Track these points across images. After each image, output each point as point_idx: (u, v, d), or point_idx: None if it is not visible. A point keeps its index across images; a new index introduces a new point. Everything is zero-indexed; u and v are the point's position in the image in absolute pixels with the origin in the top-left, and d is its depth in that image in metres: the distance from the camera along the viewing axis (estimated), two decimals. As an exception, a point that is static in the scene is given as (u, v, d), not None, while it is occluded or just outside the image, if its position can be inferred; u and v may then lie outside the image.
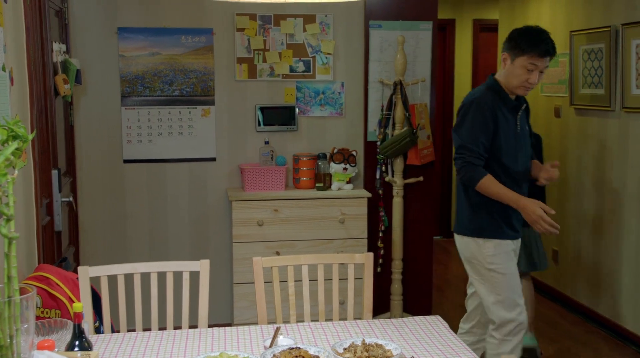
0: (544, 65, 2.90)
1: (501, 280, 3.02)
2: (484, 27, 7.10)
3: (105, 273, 2.47)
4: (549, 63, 2.93)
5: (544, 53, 2.87)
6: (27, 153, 2.68)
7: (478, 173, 2.90)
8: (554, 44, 2.91)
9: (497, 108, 2.93)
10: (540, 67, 2.89)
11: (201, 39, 4.23)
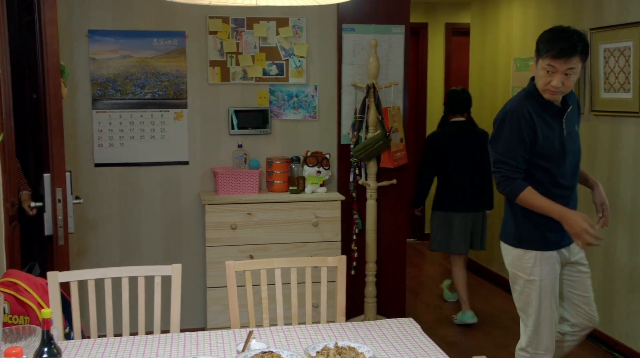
0: (563, 67, 2.69)
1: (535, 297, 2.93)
2: (456, 31, 7.17)
3: (75, 279, 2.44)
4: (574, 64, 2.69)
5: (559, 54, 2.68)
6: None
7: (518, 186, 2.80)
8: (573, 43, 2.68)
9: (535, 115, 2.79)
10: (561, 70, 2.70)
11: (173, 42, 4.20)
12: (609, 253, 4.16)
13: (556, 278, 2.94)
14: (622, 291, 4.06)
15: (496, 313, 4.97)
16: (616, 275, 4.11)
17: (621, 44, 3.93)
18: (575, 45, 2.69)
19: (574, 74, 2.73)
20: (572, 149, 2.87)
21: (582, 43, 2.72)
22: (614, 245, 4.12)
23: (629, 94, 3.91)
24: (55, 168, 3.04)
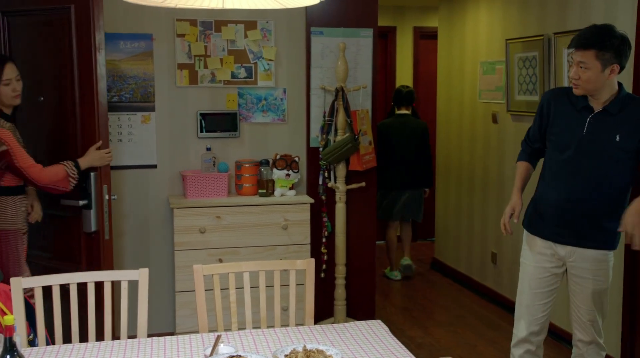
0: (577, 59, 2.74)
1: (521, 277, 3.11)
2: (424, 34, 7.23)
3: (39, 284, 2.40)
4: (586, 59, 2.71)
5: (571, 44, 2.77)
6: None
7: (519, 156, 3.16)
8: (587, 37, 2.72)
9: (559, 105, 2.91)
10: (576, 61, 2.75)
11: (140, 45, 4.16)
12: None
13: (538, 268, 3.00)
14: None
15: (464, 313, 5.03)
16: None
17: (584, 48, 4.01)
18: (586, 38, 2.72)
19: (587, 70, 2.72)
20: (587, 149, 2.83)
21: (597, 38, 2.70)
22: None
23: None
24: (101, 167, 3.42)
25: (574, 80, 2.79)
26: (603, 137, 2.81)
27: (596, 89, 2.78)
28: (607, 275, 2.96)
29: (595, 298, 2.96)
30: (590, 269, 2.93)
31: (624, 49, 2.74)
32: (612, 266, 2.97)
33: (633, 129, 2.77)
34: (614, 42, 2.71)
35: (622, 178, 2.85)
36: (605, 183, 2.84)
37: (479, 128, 5.41)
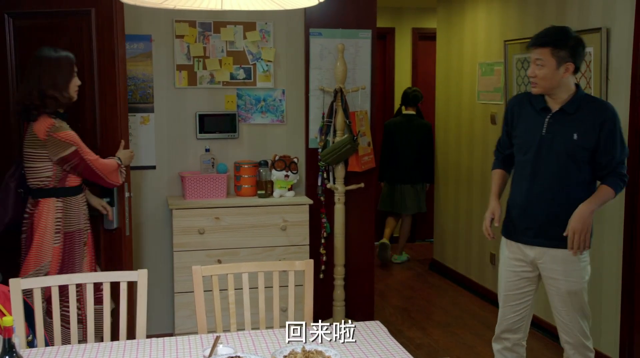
0: (533, 56, 2.87)
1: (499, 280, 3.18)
2: (423, 35, 7.24)
3: (38, 285, 2.40)
4: (541, 56, 2.83)
5: (530, 43, 2.90)
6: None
7: (493, 165, 3.25)
8: (542, 35, 2.87)
9: (522, 108, 3.02)
10: (532, 59, 2.88)
11: (139, 46, 4.17)
12: (572, 254, 4.24)
13: (509, 272, 3.08)
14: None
15: (462, 314, 5.03)
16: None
17: (582, 49, 4.01)
18: (543, 36, 2.86)
19: (543, 67, 2.83)
20: (545, 152, 2.91)
21: (553, 37, 2.84)
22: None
23: (590, 98, 3.99)
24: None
25: (532, 78, 2.90)
26: (562, 136, 2.89)
27: (552, 87, 2.87)
28: (579, 275, 2.94)
29: (571, 299, 2.96)
30: (560, 270, 2.94)
31: (578, 49, 2.86)
32: (586, 266, 2.95)
33: (590, 128, 2.86)
34: (569, 41, 2.84)
35: (583, 177, 2.90)
36: (568, 182, 2.90)
37: (478, 129, 5.42)
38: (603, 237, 3.96)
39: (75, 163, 3.19)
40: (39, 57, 3.21)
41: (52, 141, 3.14)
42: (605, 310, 3.96)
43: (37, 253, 3.20)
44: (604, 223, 3.94)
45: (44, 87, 3.14)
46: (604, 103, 3.01)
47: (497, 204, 3.09)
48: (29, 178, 3.24)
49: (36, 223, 3.21)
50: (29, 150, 3.19)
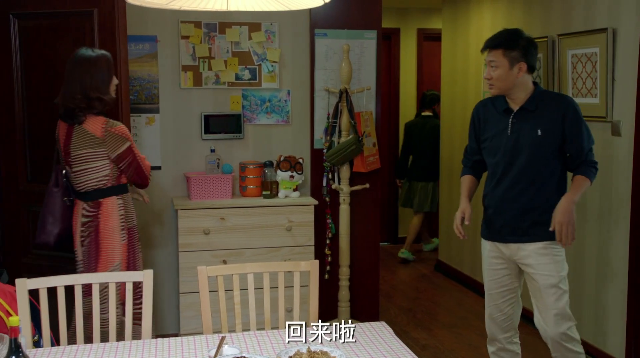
0: (488, 58, 2.97)
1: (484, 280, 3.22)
2: (428, 36, 7.23)
3: (44, 285, 2.41)
4: (494, 58, 2.93)
5: (483, 47, 3.02)
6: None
7: (461, 173, 3.31)
8: (494, 38, 2.97)
9: (487, 112, 3.11)
10: (487, 61, 2.99)
11: (145, 47, 4.17)
12: (577, 255, 4.23)
13: (490, 270, 3.15)
14: (590, 292, 4.12)
15: (468, 315, 5.02)
16: (584, 275, 4.18)
17: (588, 50, 4.01)
18: (494, 39, 2.97)
19: (497, 68, 2.93)
20: (512, 152, 2.99)
21: (504, 38, 2.94)
22: (583, 246, 4.19)
23: (596, 99, 3.98)
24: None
25: (488, 80, 2.99)
26: (526, 134, 2.96)
27: (508, 87, 2.96)
28: (553, 269, 2.97)
29: (546, 294, 2.98)
30: (534, 264, 3.00)
31: (530, 49, 2.95)
32: (561, 261, 3.00)
33: (552, 123, 2.94)
34: (519, 42, 2.93)
35: (552, 171, 2.98)
36: (536, 179, 2.97)
37: (483, 130, 5.40)
38: (609, 236, 3.95)
39: (129, 160, 3.22)
40: (77, 58, 3.20)
41: (111, 136, 3.16)
42: (611, 310, 3.94)
43: (108, 254, 3.23)
44: (610, 223, 3.93)
45: (87, 88, 3.15)
46: (563, 96, 3.09)
47: (466, 205, 3.17)
48: (84, 181, 3.21)
49: (102, 224, 3.22)
50: (85, 151, 3.16)
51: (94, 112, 3.17)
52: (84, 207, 3.24)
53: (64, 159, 3.27)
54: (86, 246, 3.24)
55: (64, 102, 3.19)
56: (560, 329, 2.98)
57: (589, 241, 4.14)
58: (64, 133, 3.25)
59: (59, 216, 3.30)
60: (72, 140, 3.19)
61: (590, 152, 3.00)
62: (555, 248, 2.98)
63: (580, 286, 4.21)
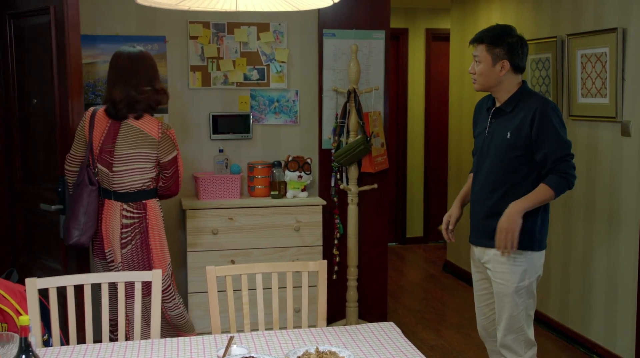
0: (473, 53, 2.90)
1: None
2: (436, 36, 7.22)
3: (54, 285, 2.42)
4: (478, 52, 2.86)
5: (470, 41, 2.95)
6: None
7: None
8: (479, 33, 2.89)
9: (480, 107, 3.04)
10: (473, 55, 2.92)
11: (154, 47, 4.19)
12: (587, 255, 4.22)
13: (473, 273, 3.09)
14: (600, 294, 4.10)
15: (477, 316, 5.00)
16: (594, 277, 4.16)
17: (597, 49, 3.99)
18: (481, 34, 2.89)
19: (480, 63, 2.86)
20: (488, 151, 2.91)
21: (489, 34, 2.86)
22: (592, 248, 4.17)
23: (605, 99, 3.96)
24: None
25: (472, 75, 2.92)
26: (498, 136, 2.87)
27: (490, 84, 2.87)
28: (509, 278, 2.84)
29: (500, 301, 2.89)
30: (492, 270, 2.91)
31: (517, 48, 2.84)
32: (519, 271, 2.83)
33: (521, 126, 2.80)
34: (506, 39, 2.83)
35: (523, 177, 2.82)
36: (502, 183, 2.85)
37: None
38: (619, 237, 3.93)
39: (174, 169, 3.26)
40: (134, 54, 3.26)
41: (166, 139, 3.20)
42: (620, 312, 3.93)
43: (159, 254, 3.28)
44: (620, 224, 3.91)
45: (154, 81, 3.21)
46: (538, 98, 2.84)
47: (455, 209, 3.09)
48: (127, 181, 3.21)
49: (151, 225, 3.24)
50: (136, 150, 3.17)
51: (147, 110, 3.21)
52: (124, 208, 3.21)
53: (99, 157, 3.21)
54: (133, 247, 3.22)
55: (124, 98, 3.16)
56: (504, 339, 2.90)
57: (597, 242, 4.12)
58: (102, 132, 3.21)
59: (94, 216, 3.23)
60: (120, 138, 3.17)
61: (561, 161, 2.76)
62: (516, 258, 2.82)
63: (590, 287, 4.20)
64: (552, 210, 4.51)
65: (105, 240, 3.24)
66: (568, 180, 2.77)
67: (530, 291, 2.87)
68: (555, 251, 4.52)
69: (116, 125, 3.19)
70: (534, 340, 2.94)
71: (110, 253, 3.26)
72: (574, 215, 4.34)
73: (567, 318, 4.44)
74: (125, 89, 3.18)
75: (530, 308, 2.90)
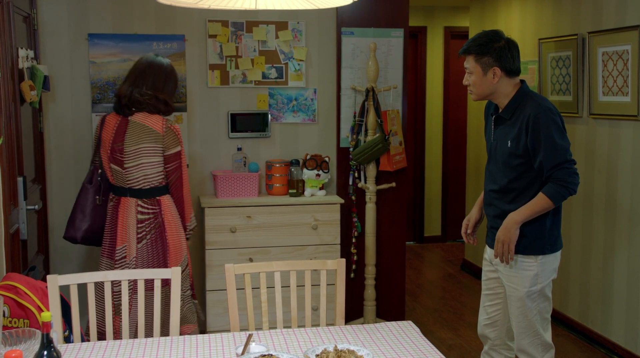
0: (464, 65, 2.87)
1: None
2: (455, 34, 7.18)
3: (75, 282, 2.45)
4: (467, 64, 2.83)
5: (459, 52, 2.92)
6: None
7: None
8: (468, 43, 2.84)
9: (489, 110, 3.00)
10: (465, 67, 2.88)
11: (173, 46, 4.21)
12: (608, 255, 4.17)
13: (483, 272, 3.05)
14: (621, 294, 4.06)
15: (495, 316, 4.97)
16: (615, 277, 4.11)
17: (619, 47, 3.95)
18: (468, 45, 2.84)
19: (472, 75, 2.83)
20: (494, 157, 2.90)
21: (475, 44, 2.80)
22: (613, 247, 4.13)
23: (627, 97, 3.92)
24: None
25: (467, 87, 2.90)
26: (501, 143, 2.84)
27: (486, 93, 2.83)
28: (518, 283, 2.81)
29: (512, 305, 2.86)
30: (503, 273, 2.88)
31: (505, 52, 2.78)
32: (531, 275, 2.79)
33: (518, 133, 2.75)
34: (492, 46, 2.78)
35: (528, 184, 2.78)
36: (509, 189, 2.82)
37: (511, 129, 5.35)
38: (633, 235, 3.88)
39: (175, 165, 3.31)
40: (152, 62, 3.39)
41: (170, 133, 3.29)
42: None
43: (176, 249, 3.34)
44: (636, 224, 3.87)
45: (157, 90, 3.32)
46: (533, 103, 2.75)
47: (474, 212, 3.07)
48: (139, 177, 3.28)
49: (167, 220, 3.32)
50: (143, 145, 3.26)
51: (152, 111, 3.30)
52: (139, 204, 3.30)
53: (111, 156, 3.31)
54: (148, 242, 3.30)
55: (127, 94, 3.29)
56: (520, 343, 2.88)
57: (619, 244, 4.07)
58: (112, 130, 3.33)
59: (89, 213, 3.39)
60: (128, 136, 3.28)
61: (558, 168, 2.69)
62: (526, 262, 2.79)
63: (610, 287, 4.15)
64: (572, 210, 4.47)
65: (119, 237, 3.31)
66: (566, 188, 2.70)
67: (543, 295, 2.83)
68: (575, 251, 4.48)
69: (124, 123, 3.31)
70: (551, 342, 2.90)
71: (122, 249, 3.31)
72: (595, 214, 4.30)
73: (587, 319, 4.40)
74: (130, 88, 3.32)
75: (545, 312, 2.86)
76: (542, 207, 2.73)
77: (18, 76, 3.16)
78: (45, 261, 3.91)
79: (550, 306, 2.88)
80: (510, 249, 2.76)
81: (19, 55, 3.22)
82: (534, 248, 2.78)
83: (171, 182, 3.34)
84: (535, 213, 2.74)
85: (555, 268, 2.86)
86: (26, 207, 3.10)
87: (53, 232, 4.12)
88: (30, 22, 3.76)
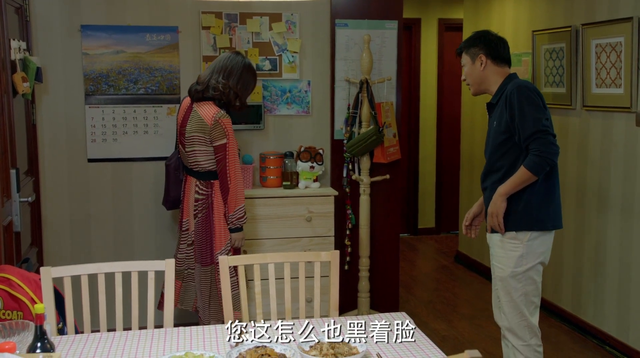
0: (461, 63, 3.12)
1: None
2: (449, 26, 7.18)
3: (68, 274, 2.44)
4: (463, 62, 3.09)
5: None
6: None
7: None
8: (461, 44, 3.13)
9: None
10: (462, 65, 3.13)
11: (166, 37, 4.19)
12: (600, 247, 4.19)
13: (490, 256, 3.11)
14: (613, 285, 4.09)
15: (488, 306, 4.99)
16: (607, 268, 4.14)
17: (612, 39, 3.95)
18: (461, 45, 3.12)
19: (465, 66, 3.08)
20: (487, 142, 3.06)
21: (467, 40, 3.09)
22: (605, 239, 4.15)
23: (620, 89, 3.93)
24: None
25: (465, 83, 3.12)
26: (491, 126, 3.03)
27: (478, 82, 3.04)
28: (505, 263, 2.94)
29: (498, 284, 3.01)
30: (493, 253, 3.03)
31: (492, 42, 3.01)
32: (516, 255, 2.90)
33: (501, 113, 2.91)
34: (481, 39, 3.04)
35: (509, 160, 2.90)
36: (498, 170, 2.95)
37: (505, 121, 5.36)
38: (632, 229, 3.90)
39: (221, 156, 3.40)
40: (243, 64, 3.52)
41: (217, 127, 3.37)
42: (633, 304, 3.91)
43: (221, 233, 3.49)
44: (633, 216, 3.89)
45: (230, 88, 3.44)
46: (513, 83, 2.91)
47: (475, 205, 3.22)
48: (194, 160, 3.48)
49: (216, 203, 3.48)
50: (196, 134, 3.42)
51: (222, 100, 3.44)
52: (196, 184, 3.52)
53: (180, 139, 3.57)
54: (200, 220, 3.51)
55: (205, 80, 3.44)
56: (507, 323, 2.98)
57: (611, 234, 4.09)
58: (182, 114, 3.54)
59: (172, 186, 3.72)
60: (189, 122, 3.46)
61: (532, 138, 2.77)
62: (512, 243, 2.90)
63: (603, 278, 4.18)
64: (565, 201, 4.49)
65: (185, 210, 3.60)
66: (543, 157, 2.78)
67: (529, 277, 2.92)
68: (568, 242, 4.50)
69: (190, 109, 3.50)
70: (537, 328, 2.98)
71: (186, 222, 3.58)
72: (587, 206, 4.32)
73: (579, 310, 4.42)
74: (209, 74, 3.46)
75: (532, 295, 2.94)
76: (523, 179, 2.84)
77: (10, 68, 3.15)
78: (38, 253, 3.90)
79: (537, 291, 2.97)
80: (499, 221, 2.89)
81: (11, 46, 3.20)
82: (520, 223, 2.90)
83: (218, 171, 3.45)
84: (518, 185, 2.86)
85: (542, 252, 2.94)
86: (19, 199, 3.09)
87: (46, 224, 4.11)
88: (22, 13, 3.74)
